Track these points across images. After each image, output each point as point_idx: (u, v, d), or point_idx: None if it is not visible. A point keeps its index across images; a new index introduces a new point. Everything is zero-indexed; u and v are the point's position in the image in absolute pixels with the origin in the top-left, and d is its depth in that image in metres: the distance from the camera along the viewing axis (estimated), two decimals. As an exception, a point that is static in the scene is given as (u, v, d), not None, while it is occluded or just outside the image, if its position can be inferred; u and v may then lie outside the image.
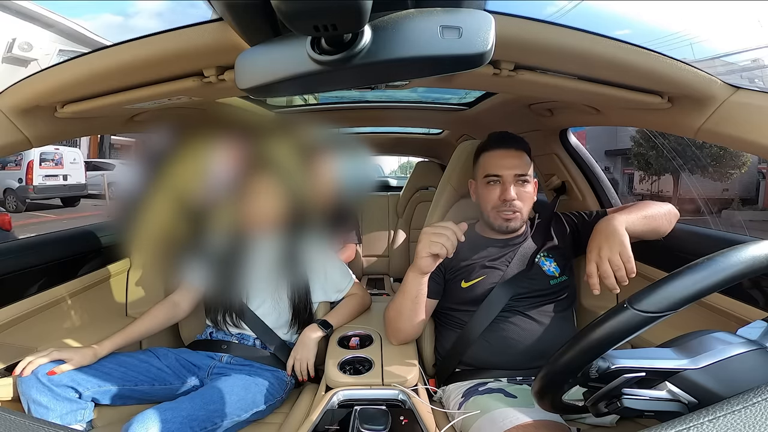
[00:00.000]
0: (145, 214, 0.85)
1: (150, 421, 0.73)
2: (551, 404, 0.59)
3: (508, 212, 0.94)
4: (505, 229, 0.96)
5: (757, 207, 9.68)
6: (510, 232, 0.99)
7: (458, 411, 0.84)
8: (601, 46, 0.61)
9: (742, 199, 9.72)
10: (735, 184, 9.69)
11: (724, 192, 9.64)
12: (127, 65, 0.63)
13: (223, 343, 1.08)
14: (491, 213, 0.96)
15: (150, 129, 1.05)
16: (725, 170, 9.04)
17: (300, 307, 1.10)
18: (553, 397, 0.57)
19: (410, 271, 0.86)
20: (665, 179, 11.42)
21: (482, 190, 0.98)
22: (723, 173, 9.05)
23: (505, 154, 0.95)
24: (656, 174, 11.33)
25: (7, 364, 0.87)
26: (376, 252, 2.35)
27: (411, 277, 0.86)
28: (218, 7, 0.43)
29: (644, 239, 0.94)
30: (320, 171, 0.94)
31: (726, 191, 9.73)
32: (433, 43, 0.37)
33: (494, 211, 0.96)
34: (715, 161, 8.95)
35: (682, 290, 0.45)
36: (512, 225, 0.95)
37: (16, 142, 0.75)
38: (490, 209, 0.96)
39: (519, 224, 0.96)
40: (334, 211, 0.99)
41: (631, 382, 0.50)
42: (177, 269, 1.16)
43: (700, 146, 8.34)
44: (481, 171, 0.98)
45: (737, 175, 9.16)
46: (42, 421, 0.37)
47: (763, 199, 9.60)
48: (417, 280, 0.86)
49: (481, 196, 0.98)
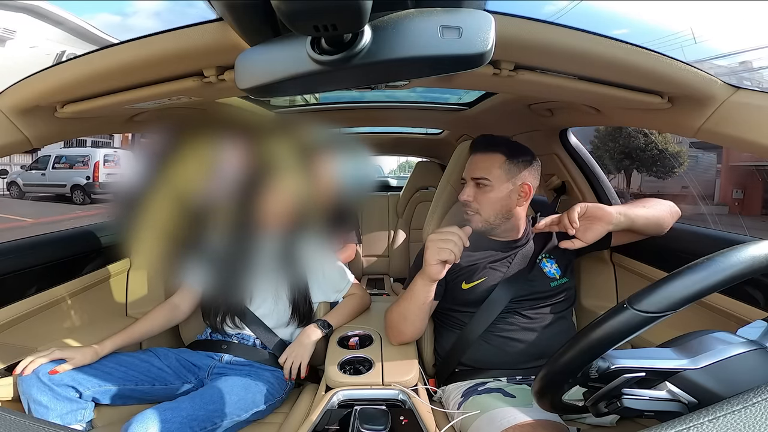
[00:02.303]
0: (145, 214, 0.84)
1: (150, 421, 0.73)
2: (551, 404, 0.59)
3: (467, 212, 0.96)
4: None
5: (713, 202, 10.52)
6: (505, 234, 0.99)
7: (458, 411, 0.84)
8: (602, 46, 0.61)
9: (701, 196, 10.42)
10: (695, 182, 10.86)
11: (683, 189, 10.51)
12: (127, 65, 0.63)
13: (223, 344, 1.08)
14: (464, 213, 0.98)
15: (150, 129, 1.05)
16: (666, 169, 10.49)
17: (300, 307, 1.10)
18: (553, 397, 0.57)
19: (419, 278, 0.86)
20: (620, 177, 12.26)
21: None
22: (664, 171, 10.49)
23: (474, 158, 0.98)
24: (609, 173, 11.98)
25: (7, 364, 0.87)
26: (376, 252, 2.35)
27: (420, 284, 0.86)
28: (218, 7, 0.43)
29: (646, 234, 0.94)
30: (320, 171, 0.94)
31: (685, 188, 10.68)
32: (433, 43, 0.37)
33: (465, 212, 0.98)
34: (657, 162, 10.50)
35: (681, 290, 0.45)
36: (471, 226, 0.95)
37: (16, 142, 0.75)
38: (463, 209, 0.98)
39: (478, 225, 0.94)
40: (334, 211, 0.98)
41: (631, 382, 0.50)
42: (177, 269, 1.16)
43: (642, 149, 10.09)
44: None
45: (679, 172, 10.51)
46: (42, 421, 0.37)
47: (718, 195, 10.49)
48: (426, 287, 0.86)
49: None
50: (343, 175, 0.94)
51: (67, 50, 8.41)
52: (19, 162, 11.73)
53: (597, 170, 1.30)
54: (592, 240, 0.86)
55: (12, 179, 10.40)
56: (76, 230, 1.24)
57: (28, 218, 7.49)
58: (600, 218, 0.85)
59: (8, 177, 10.36)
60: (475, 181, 0.95)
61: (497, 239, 1.00)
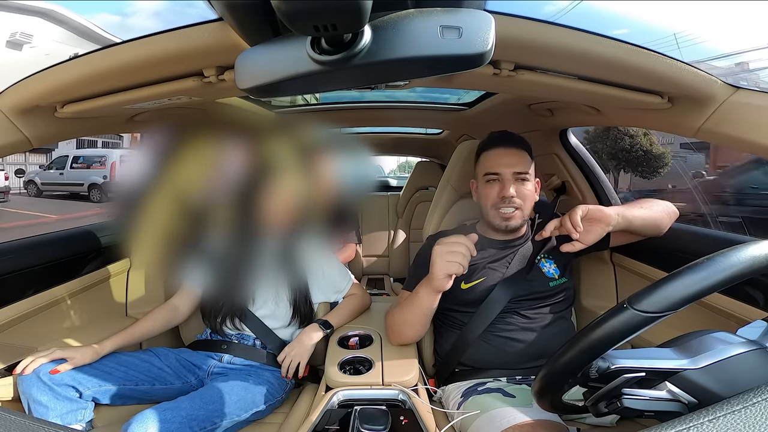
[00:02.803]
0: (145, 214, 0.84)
1: (149, 421, 0.73)
2: (551, 404, 0.59)
3: (508, 209, 0.94)
4: (505, 228, 0.96)
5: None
6: (510, 232, 0.98)
7: (458, 411, 0.84)
8: (601, 46, 0.61)
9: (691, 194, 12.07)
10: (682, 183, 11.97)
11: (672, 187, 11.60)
12: (127, 65, 0.63)
13: (223, 344, 1.08)
14: (491, 212, 0.96)
15: (150, 129, 1.05)
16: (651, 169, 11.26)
17: (300, 308, 1.10)
18: (553, 397, 0.57)
19: (424, 287, 0.85)
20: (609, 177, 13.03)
21: (482, 189, 0.98)
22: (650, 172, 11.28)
23: (504, 153, 0.96)
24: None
25: (7, 364, 0.87)
26: (376, 252, 2.35)
27: (425, 293, 0.85)
28: (218, 7, 0.43)
29: (644, 235, 0.94)
30: (320, 171, 0.94)
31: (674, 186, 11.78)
32: (433, 43, 0.37)
33: (494, 210, 0.95)
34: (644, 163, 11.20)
35: (682, 290, 0.45)
36: (512, 224, 0.95)
37: (16, 142, 0.75)
38: (490, 207, 0.96)
39: (519, 222, 0.96)
40: (334, 210, 0.98)
41: (631, 382, 0.50)
42: (177, 270, 1.16)
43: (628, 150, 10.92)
44: (481, 169, 0.98)
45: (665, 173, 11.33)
46: (42, 421, 0.37)
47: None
48: (431, 296, 0.85)
49: (481, 195, 0.98)
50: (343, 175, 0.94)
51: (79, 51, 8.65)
52: (35, 162, 12.20)
53: (597, 170, 1.30)
54: (592, 242, 0.86)
55: (29, 178, 10.88)
56: (76, 230, 1.24)
57: (52, 215, 7.79)
58: (599, 220, 0.85)
59: (25, 176, 10.80)
60: (516, 176, 0.94)
61: (497, 238, 1.00)
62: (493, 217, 0.96)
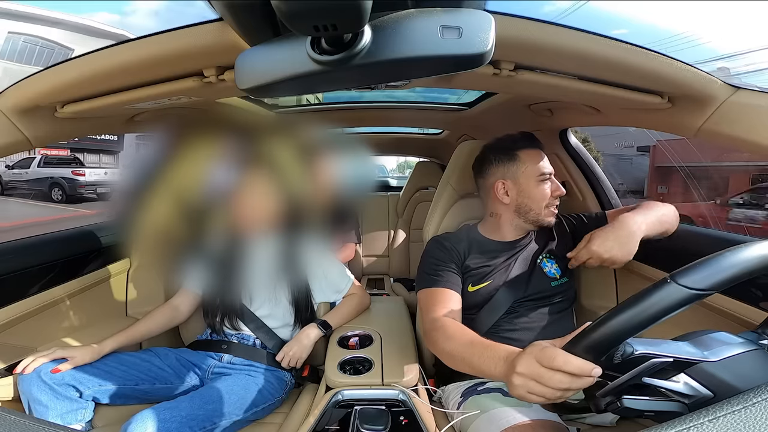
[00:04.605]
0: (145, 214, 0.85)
1: (149, 421, 0.73)
2: (552, 403, 0.59)
3: (557, 208, 0.98)
4: (548, 225, 0.99)
5: (642, 196, 13.39)
6: (530, 231, 1.02)
7: (457, 411, 0.84)
8: (601, 46, 0.61)
9: (631, 191, 13.48)
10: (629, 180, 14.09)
11: (619, 185, 12.69)
12: (127, 65, 0.63)
13: (223, 343, 1.08)
14: (543, 210, 0.97)
15: (150, 129, 1.05)
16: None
17: (300, 308, 1.10)
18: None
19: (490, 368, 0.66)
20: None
21: (534, 189, 0.97)
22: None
23: (542, 152, 0.99)
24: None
25: (7, 364, 0.87)
26: (376, 252, 2.35)
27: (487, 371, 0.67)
28: (218, 7, 0.43)
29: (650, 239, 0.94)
30: (320, 171, 0.94)
31: (621, 185, 13.31)
32: (433, 43, 0.37)
33: (547, 208, 0.97)
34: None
35: (728, 268, 0.44)
36: (555, 220, 0.99)
37: (16, 142, 0.75)
38: (543, 206, 0.97)
39: (553, 220, 0.99)
40: (334, 211, 0.98)
41: (654, 370, 0.48)
42: (177, 269, 1.16)
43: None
44: (533, 170, 0.97)
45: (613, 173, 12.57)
46: (42, 421, 0.37)
47: (646, 191, 13.46)
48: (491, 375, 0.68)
49: (532, 195, 0.97)
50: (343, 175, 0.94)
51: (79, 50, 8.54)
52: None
53: (597, 170, 1.30)
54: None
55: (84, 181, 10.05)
56: (76, 230, 1.24)
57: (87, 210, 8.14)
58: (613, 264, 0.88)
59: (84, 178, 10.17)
60: (551, 176, 0.98)
61: (503, 240, 1.00)
62: (545, 215, 0.97)
